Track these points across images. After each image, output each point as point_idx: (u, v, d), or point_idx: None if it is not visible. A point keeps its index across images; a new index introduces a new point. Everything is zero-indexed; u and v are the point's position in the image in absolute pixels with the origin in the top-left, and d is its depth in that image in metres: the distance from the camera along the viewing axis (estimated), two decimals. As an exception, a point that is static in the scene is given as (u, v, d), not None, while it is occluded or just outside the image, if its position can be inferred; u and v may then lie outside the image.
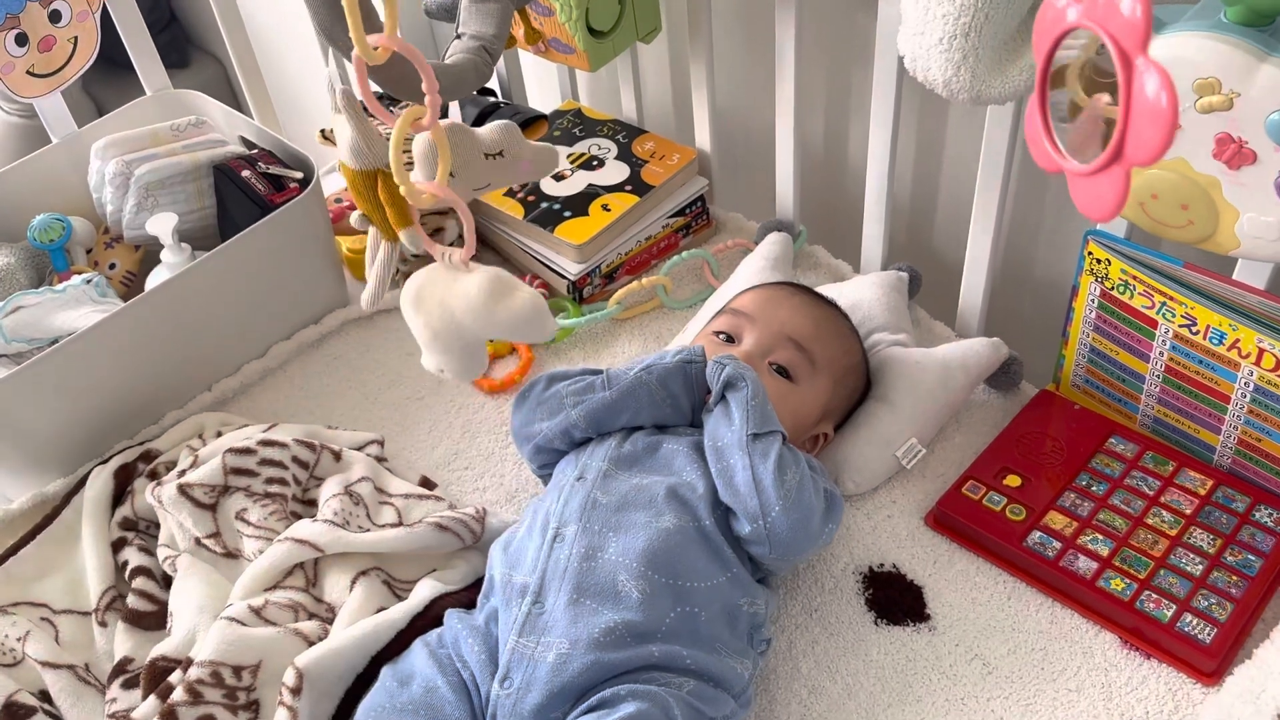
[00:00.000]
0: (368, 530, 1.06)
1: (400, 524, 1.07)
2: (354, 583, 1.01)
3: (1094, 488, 1.08)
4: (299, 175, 1.30)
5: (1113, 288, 1.08)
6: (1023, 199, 1.32)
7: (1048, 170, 0.64)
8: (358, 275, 1.43)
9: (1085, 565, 1.02)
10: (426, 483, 1.16)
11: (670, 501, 0.96)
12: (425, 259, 1.35)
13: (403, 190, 0.85)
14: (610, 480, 0.98)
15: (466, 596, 1.02)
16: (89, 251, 1.39)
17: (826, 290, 1.26)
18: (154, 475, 1.15)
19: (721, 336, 1.10)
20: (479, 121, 1.47)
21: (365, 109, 0.95)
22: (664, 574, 0.91)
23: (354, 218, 1.05)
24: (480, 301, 0.90)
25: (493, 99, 1.51)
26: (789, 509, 0.94)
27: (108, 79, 2.12)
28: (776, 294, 1.14)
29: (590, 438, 1.05)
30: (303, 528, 1.03)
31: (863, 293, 1.24)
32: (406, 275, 1.34)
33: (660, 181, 1.35)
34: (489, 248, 1.43)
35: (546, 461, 1.09)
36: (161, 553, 1.08)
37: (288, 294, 1.32)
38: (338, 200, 1.45)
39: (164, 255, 1.28)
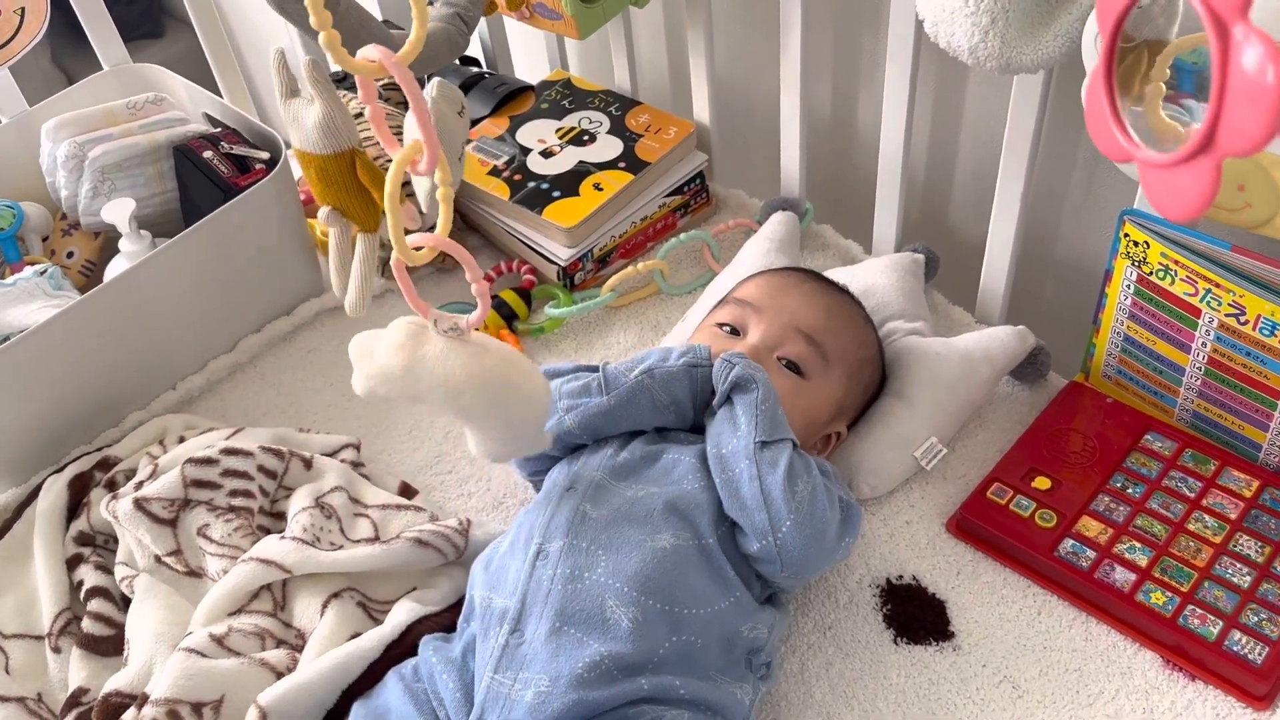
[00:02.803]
0: (340, 547, 0.97)
1: (377, 539, 0.99)
2: (325, 606, 0.93)
3: (1130, 490, 0.99)
4: (265, 155, 1.20)
5: (1151, 272, 0.99)
6: (1045, 169, 1.22)
7: (1114, 159, 0.55)
8: (334, 261, 1.34)
9: (1122, 577, 0.93)
10: (407, 490, 1.07)
11: (668, 516, 0.87)
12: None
13: (397, 251, 0.74)
14: (603, 492, 0.89)
15: (449, 618, 0.93)
16: (45, 239, 1.30)
17: (836, 275, 1.16)
18: (111, 485, 1.06)
19: (725, 329, 1.01)
20: (462, 93, 1.37)
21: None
22: (659, 599, 0.83)
23: (322, 215, 0.95)
24: (477, 398, 0.78)
25: (475, 69, 1.41)
26: (801, 523, 0.85)
27: (80, 51, 2.03)
28: (784, 281, 1.05)
29: (585, 444, 0.97)
30: (268, 546, 0.94)
31: (875, 277, 1.15)
32: (386, 262, 1.26)
33: (656, 157, 1.25)
34: (472, 230, 1.34)
35: (538, 469, 1.00)
36: (119, 572, 1.00)
37: (257, 283, 1.23)
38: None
39: (122, 244, 1.19)
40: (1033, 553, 0.96)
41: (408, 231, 0.74)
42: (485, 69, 1.45)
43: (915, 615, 0.96)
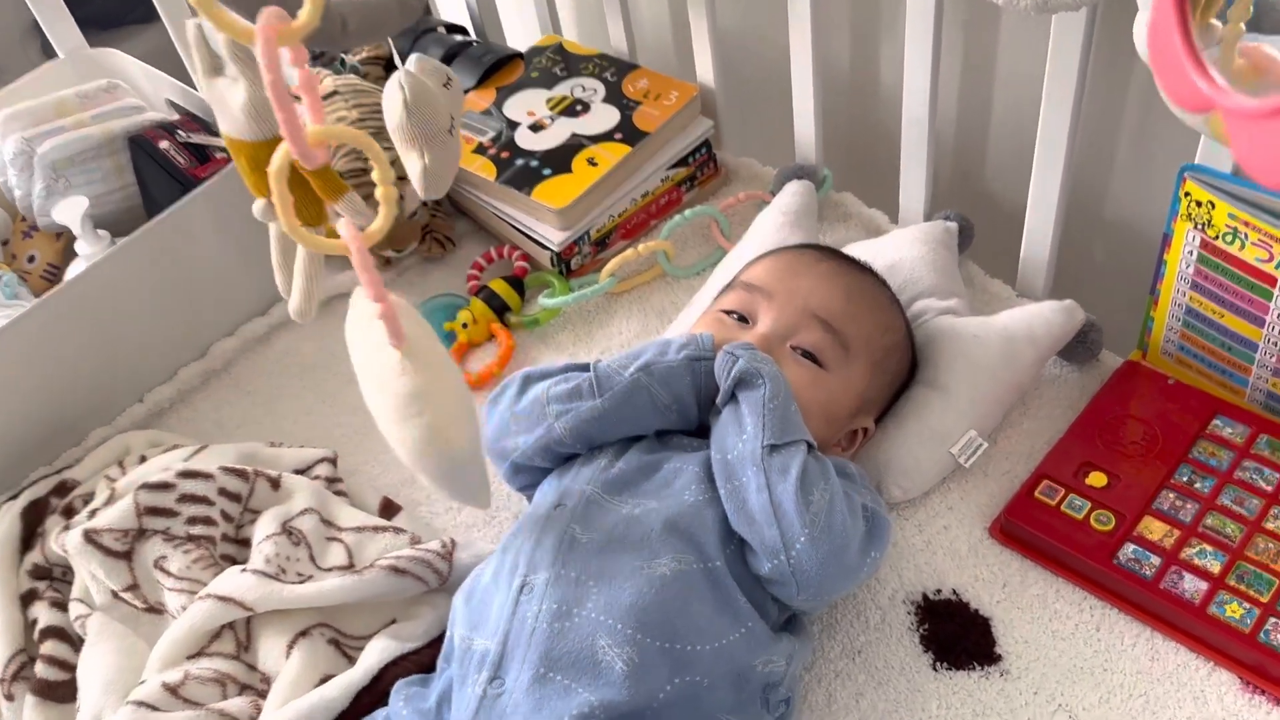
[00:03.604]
0: (310, 577, 0.87)
1: (350, 566, 0.89)
2: (292, 646, 0.83)
3: (1198, 484, 0.87)
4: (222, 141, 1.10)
5: (1217, 236, 0.86)
6: (1091, 120, 1.09)
7: (1188, 109, 0.43)
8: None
9: (1192, 586, 0.82)
10: (389, 507, 0.98)
11: (668, 538, 0.76)
12: (389, 232, 1.16)
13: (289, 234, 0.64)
14: (595, 510, 0.79)
15: (429, 655, 0.84)
16: (5, 244, 1.21)
17: (858, 249, 1.05)
18: (69, 512, 0.98)
19: (733, 316, 0.90)
20: (445, 63, 1.26)
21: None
22: (658, 636, 0.72)
23: (257, 209, 0.84)
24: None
25: (461, 37, 1.30)
26: (817, 539, 0.74)
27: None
28: (797, 260, 0.93)
29: (579, 453, 0.86)
30: (228, 581, 0.85)
31: (903, 250, 1.03)
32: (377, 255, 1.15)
33: (656, 126, 1.14)
34: (463, 214, 1.23)
35: (528, 482, 0.90)
36: (73, 610, 0.91)
37: (227, 283, 1.13)
38: (288, 167, 1.25)
39: (78, 246, 1.10)
40: (1088, 560, 0.85)
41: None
42: (474, 36, 1.34)
43: (956, 635, 0.85)
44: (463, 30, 1.36)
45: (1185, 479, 0.88)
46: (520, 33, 1.47)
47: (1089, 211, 1.15)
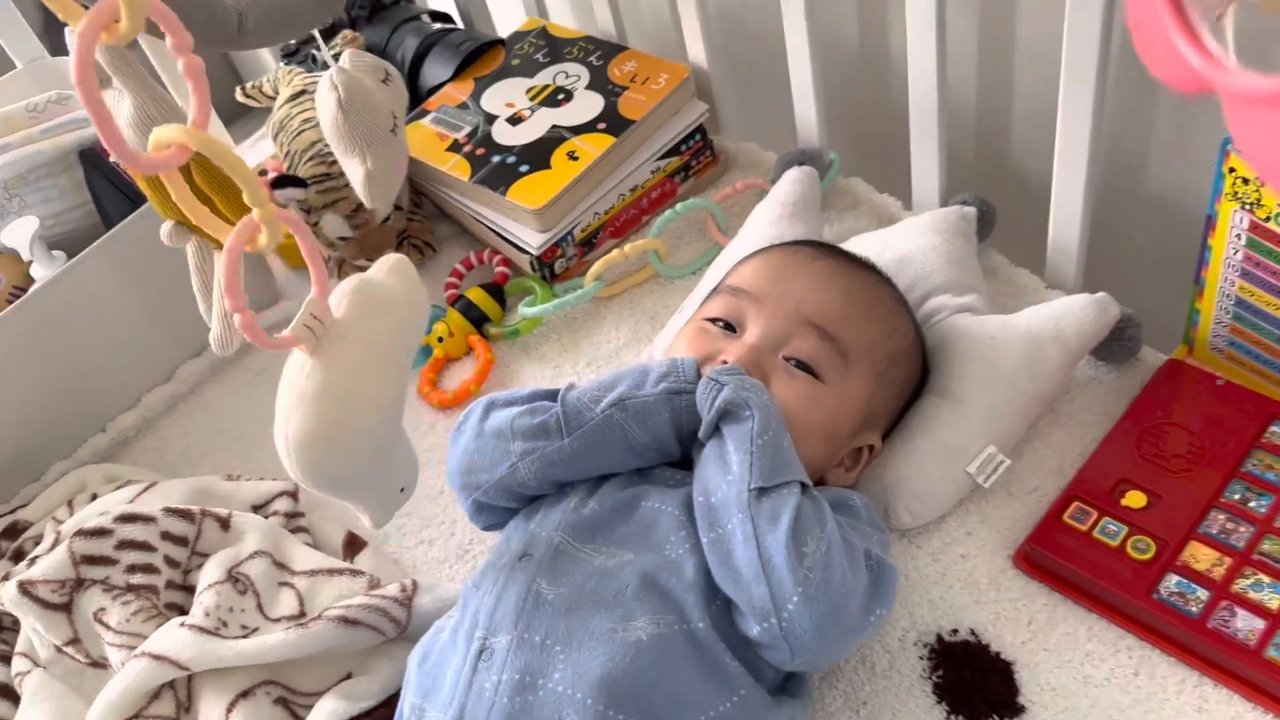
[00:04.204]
0: (254, 630, 0.80)
1: (301, 615, 0.81)
2: (231, 708, 0.75)
3: (1252, 503, 0.76)
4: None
5: (1268, 218, 0.74)
6: (1124, 86, 0.97)
7: (1183, 89, 0.33)
8: (293, 262, 1.17)
9: (1246, 625, 0.71)
10: (353, 542, 0.90)
11: (645, 595, 0.67)
12: (358, 240, 1.08)
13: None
14: (564, 561, 0.70)
15: (384, 716, 0.75)
16: (-31, 266, 1.15)
17: (863, 242, 0.94)
18: (19, 556, 0.91)
19: (718, 325, 0.81)
20: (420, 56, 1.17)
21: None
22: (634, 712, 0.63)
23: (164, 232, 0.76)
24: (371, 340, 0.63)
25: (440, 25, 1.21)
26: (813, 598, 0.65)
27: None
28: (789, 260, 0.83)
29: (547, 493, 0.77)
30: (164, 637, 0.77)
31: (913, 241, 0.92)
32: (353, 266, 1.08)
33: (642, 113, 1.04)
34: (447, 218, 1.15)
35: (494, 521, 0.81)
36: (15, 665, 0.85)
37: (191, 300, 1.05)
38: (262, 173, 1.17)
39: (34, 270, 1.04)
40: (1125, 595, 0.74)
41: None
42: (459, 23, 1.25)
43: (974, 683, 0.74)
44: (447, 18, 1.27)
45: (1238, 496, 0.77)
46: (509, 18, 1.37)
47: (1126, 189, 1.03)
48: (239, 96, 1.22)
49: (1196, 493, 0.77)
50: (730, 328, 0.80)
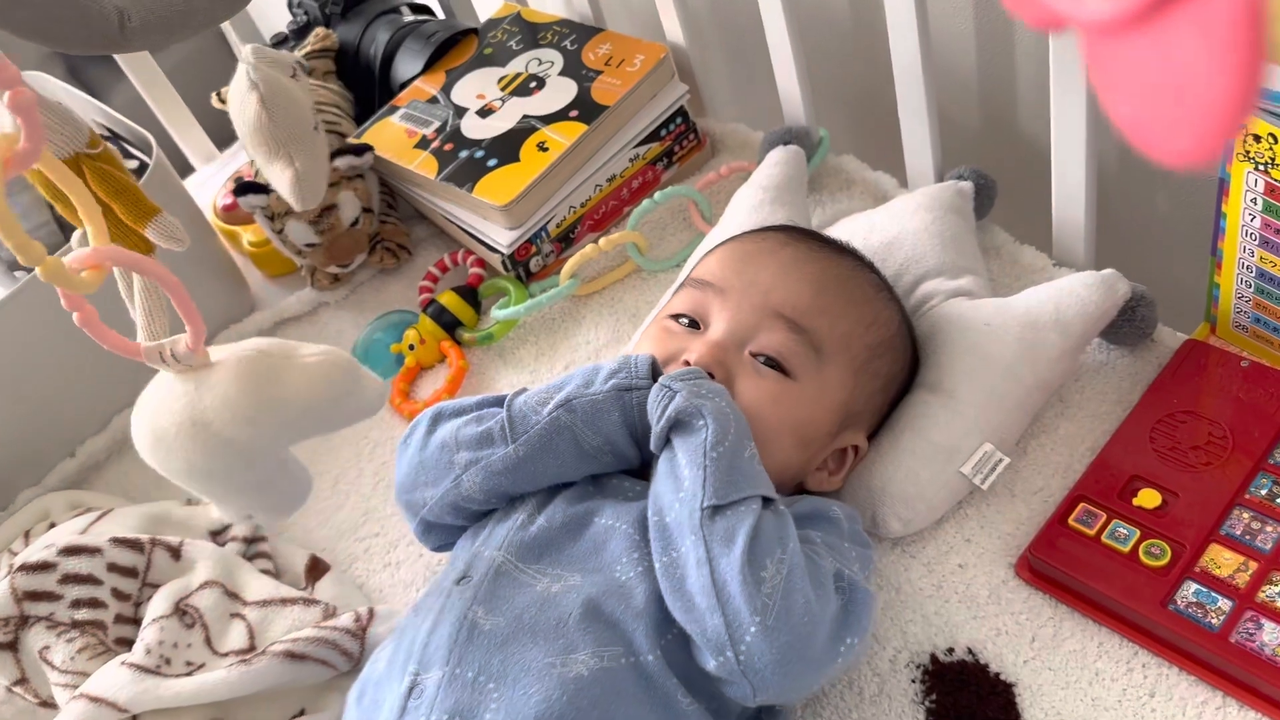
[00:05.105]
0: (200, 666, 0.75)
1: (251, 649, 0.76)
2: (173, 752, 0.71)
3: (1281, 499, 0.68)
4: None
5: (1285, 177, 0.66)
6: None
7: (1040, 27, 0.26)
8: (270, 271, 1.12)
9: (1274, 638, 0.63)
10: (316, 566, 0.85)
11: (589, 625, 0.61)
12: (326, 247, 1.03)
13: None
14: (505, 586, 0.64)
15: (332, 757, 0.70)
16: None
17: (850, 224, 0.88)
18: (-22, 591, 0.88)
19: (682, 321, 0.74)
20: (392, 50, 1.12)
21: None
22: None
23: (75, 242, 0.72)
24: (245, 400, 0.57)
25: (412, 18, 1.16)
26: (772, 628, 0.58)
27: (97, 60, 1.87)
28: (756, 248, 0.77)
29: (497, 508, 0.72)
30: (103, 678, 0.73)
31: (903, 222, 0.85)
32: (324, 273, 1.03)
33: (616, 98, 0.97)
34: (423, 219, 1.09)
35: (444, 541, 0.76)
36: (-32, 707, 0.81)
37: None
38: (238, 180, 1.13)
39: (-4, 291, 1.00)
40: (1137, 607, 0.66)
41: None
42: (430, 17, 1.20)
43: (971, 707, 0.67)
44: (427, 10, 1.22)
45: (1265, 491, 0.69)
46: (491, 4, 1.31)
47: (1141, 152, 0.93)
48: (214, 103, 1.18)
49: (1218, 489, 0.69)
50: (695, 324, 0.74)
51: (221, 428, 0.57)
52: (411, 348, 0.96)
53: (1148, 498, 0.70)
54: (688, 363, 0.70)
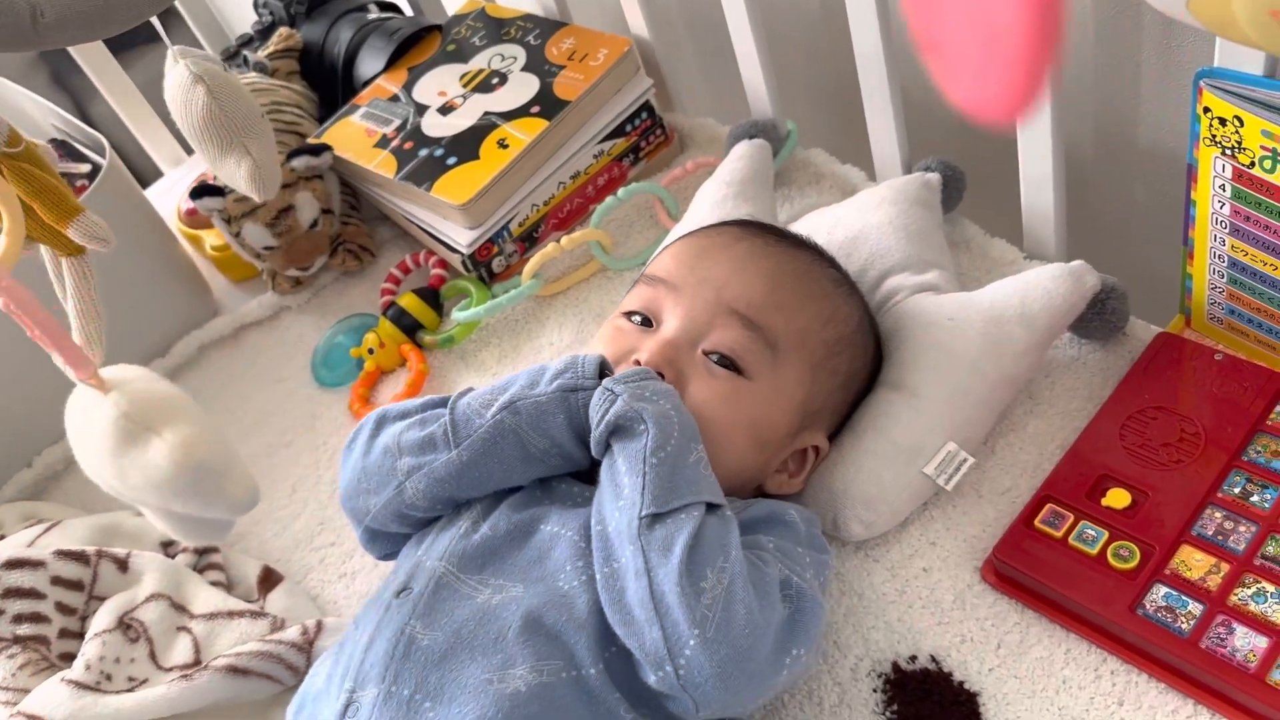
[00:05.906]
0: (143, 681, 0.73)
1: (196, 663, 0.74)
2: (112, 772, 0.69)
3: (1254, 497, 0.65)
4: (84, 168, 0.96)
5: (1252, 163, 0.63)
6: (1104, 22, 0.86)
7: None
8: (233, 276, 1.10)
9: (1246, 644, 0.60)
10: (269, 577, 0.83)
11: (528, 639, 0.59)
12: (284, 249, 1.01)
13: None
14: (444, 598, 0.62)
15: (275, 776, 0.68)
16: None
17: (815, 219, 0.86)
18: (-73, 606, 0.86)
19: (634, 319, 0.72)
20: (355, 48, 1.10)
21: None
22: None
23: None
24: (107, 454, 0.56)
25: (377, 15, 1.14)
26: (712, 640, 0.56)
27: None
28: (710, 243, 0.74)
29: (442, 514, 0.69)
30: (40, 695, 0.71)
31: (868, 215, 0.83)
32: (284, 277, 1.01)
33: (578, 93, 0.95)
34: (387, 222, 1.07)
35: (389, 550, 0.74)
36: (-86, 725, 0.79)
37: (119, 322, 0.99)
38: (201, 183, 1.11)
39: (-50, 298, 0.98)
40: (1105, 612, 0.64)
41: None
42: (395, 15, 1.17)
43: (934, 717, 0.65)
44: (394, 8, 1.20)
45: (1238, 490, 0.66)
46: (459, 2, 1.29)
47: (1119, 138, 0.91)
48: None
49: (1189, 487, 0.67)
50: (649, 322, 0.72)
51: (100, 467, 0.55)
52: (371, 351, 0.94)
53: (1117, 497, 0.67)
54: (638, 362, 0.68)
